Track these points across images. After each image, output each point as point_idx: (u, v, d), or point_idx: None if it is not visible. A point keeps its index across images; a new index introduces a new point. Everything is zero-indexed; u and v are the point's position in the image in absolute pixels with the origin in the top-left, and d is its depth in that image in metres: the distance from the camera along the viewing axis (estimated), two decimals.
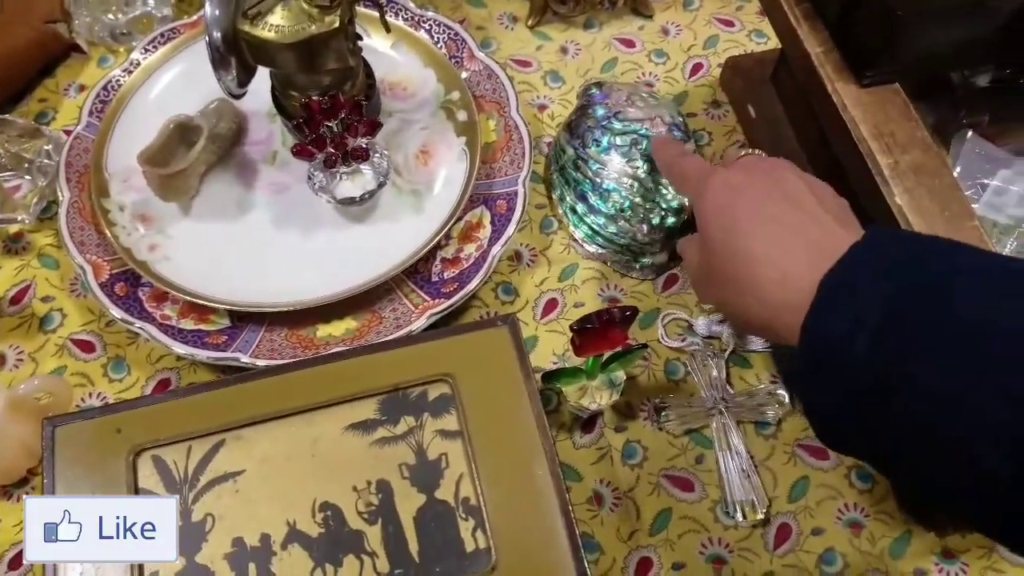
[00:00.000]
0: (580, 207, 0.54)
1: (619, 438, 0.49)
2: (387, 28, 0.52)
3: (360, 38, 0.51)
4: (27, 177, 0.55)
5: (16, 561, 0.44)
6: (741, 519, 0.46)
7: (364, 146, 0.51)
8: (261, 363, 0.47)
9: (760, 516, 0.46)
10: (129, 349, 0.51)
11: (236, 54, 0.48)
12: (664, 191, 0.52)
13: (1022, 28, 0.45)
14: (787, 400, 0.49)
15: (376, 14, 0.53)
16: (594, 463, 0.48)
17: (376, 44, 0.58)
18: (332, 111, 0.48)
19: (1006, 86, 0.52)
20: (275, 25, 0.47)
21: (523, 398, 0.40)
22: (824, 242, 0.34)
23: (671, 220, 0.53)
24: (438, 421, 0.40)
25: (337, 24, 0.47)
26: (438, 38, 0.60)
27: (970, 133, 0.50)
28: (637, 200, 0.52)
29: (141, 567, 0.36)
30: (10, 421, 0.44)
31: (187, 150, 0.52)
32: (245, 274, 0.51)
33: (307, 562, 0.37)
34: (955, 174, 0.48)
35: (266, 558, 0.37)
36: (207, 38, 0.47)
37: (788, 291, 0.34)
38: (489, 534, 0.37)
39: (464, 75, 0.59)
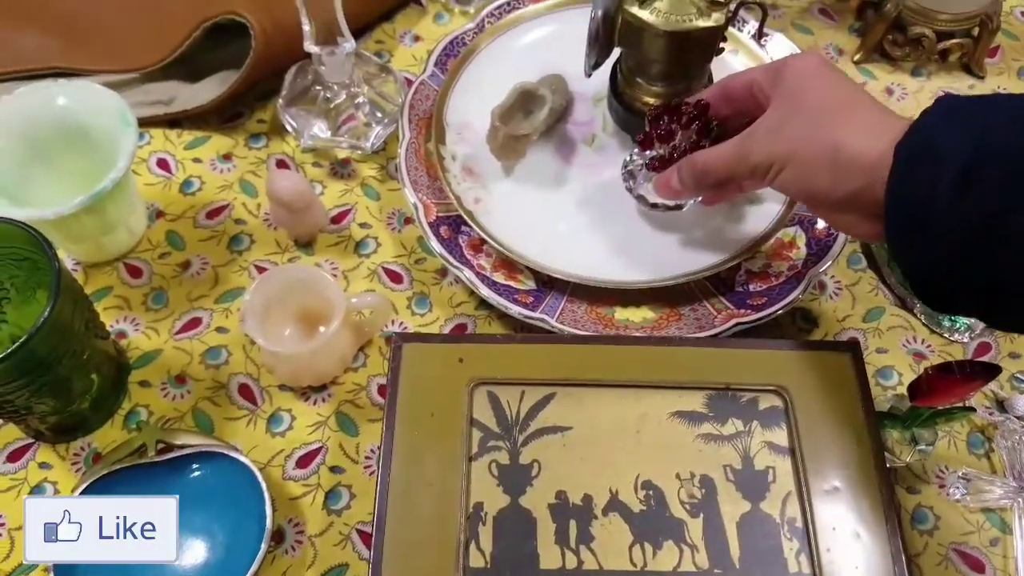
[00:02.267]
0: None
1: (911, 500, 0.46)
2: (760, 36, 0.52)
3: (725, 40, 0.51)
4: (367, 110, 0.59)
5: (305, 460, 0.47)
6: None
7: None
8: (567, 329, 0.48)
9: None
10: (433, 288, 0.53)
11: (608, 33, 0.50)
12: None
13: None
14: None
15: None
16: None
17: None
18: (689, 120, 0.48)
19: None
20: (661, 11, 0.47)
21: (862, 431, 0.39)
22: (890, 119, 0.36)
23: None
24: (768, 432, 0.40)
25: (721, 23, 0.47)
26: (774, 54, 0.60)
27: None
28: None
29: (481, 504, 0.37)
30: (341, 330, 0.47)
31: (524, 116, 0.54)
32: (553, 243, 0.52)
33: (627, 535, 0.37)
34: None
35: (587, 518, 0.37)
36: (593, 11, 0.48)
37: (882, 139, 0.34)
38: (816, 562, 0.36)
39: None
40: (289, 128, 0.58)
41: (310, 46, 0.53)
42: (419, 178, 0.54)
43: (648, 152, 0.49)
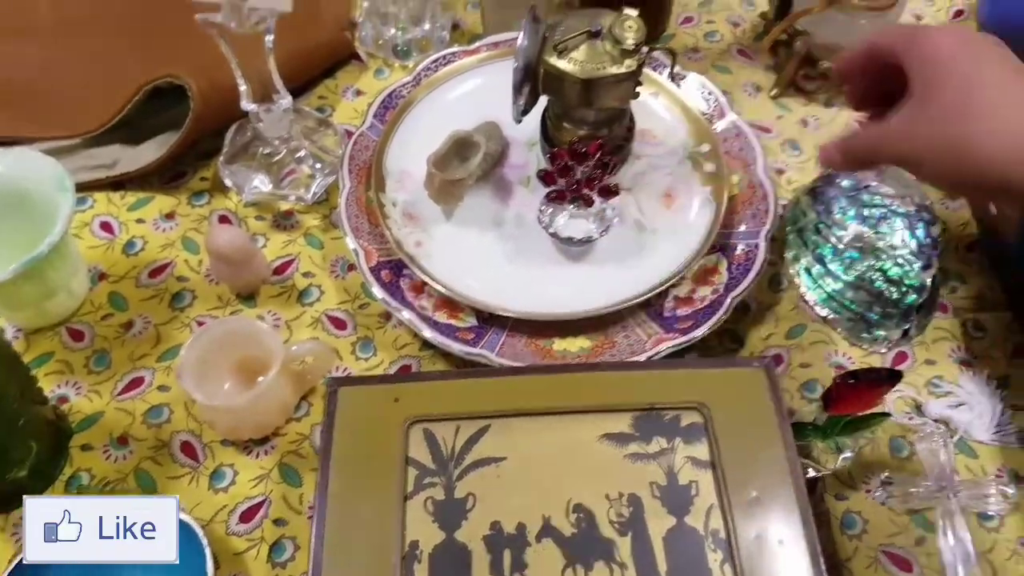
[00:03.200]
0: (816, 269, 0.55)
1: (839, 506, 0.49)
2: (673, 78, 0.55)
3: (640, 84, 0.55)
4: (309, 163, 0.61)
5: (248, 514, 0.48)
6: None
7: (593, 196, 0.53)
8: (506, 363, 0.50)
9: None
10: (378, 332, 0.55)
11: (531, 82, 0.53)
12: (909, 269, 0.53)
13: None
14: (1014, 496, 0.48)
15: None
16: None
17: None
18: (582, 156, 0.51)
19: None
20: (577, 60, 0.51)
21: (777, 442, 0.41)
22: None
23: (911, 298, 0.53)
24: (690, 448, 0.42)
25: (634, 68, 0.51)
26: (695, 94, 0.63)
27: None
28: (877, 274, 0.53)
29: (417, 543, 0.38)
30: (280, 379, 0.48)
31: (460, 162, 0.57)
32: (493, 281, 0.54)
33: (559, 559, 0.39)
34: None
35: (521, 547, 0.39)
36: (515, 63, 0.51)
37: (999, 155, 0.34)
38: (738, 570, 0.38)
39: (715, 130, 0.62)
40: (229, 184, 0.60)
41: (247, 104, 0.56)
42: (360, 225, 0.57)
43: (551, 187, 0.52)
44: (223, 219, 0.60)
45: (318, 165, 0.61)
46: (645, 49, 0.52)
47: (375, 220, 0.56)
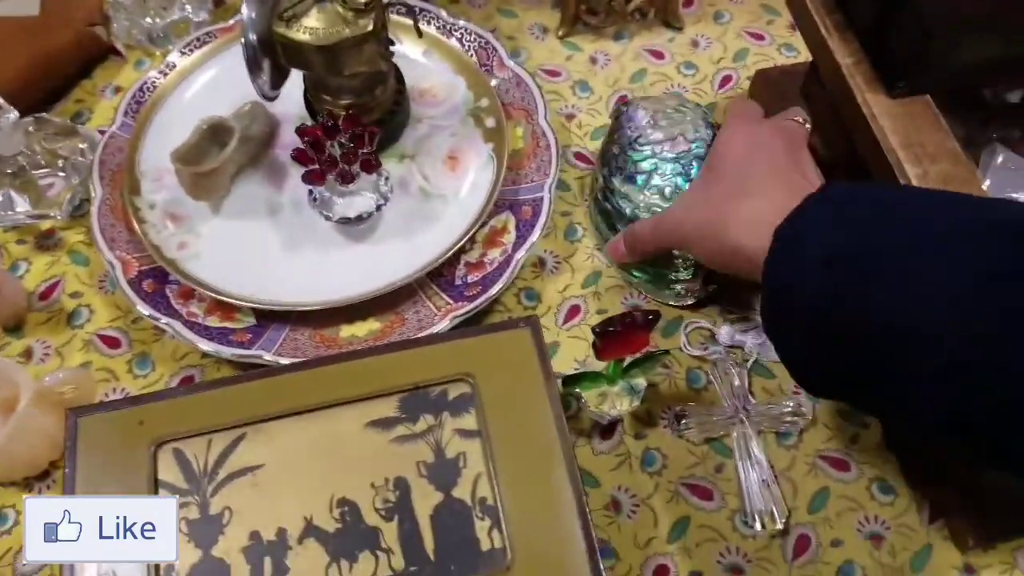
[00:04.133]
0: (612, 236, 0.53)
1: (638, 445, 0.49)
2: (419, 34, 0.53)
3: (392, 43, 0.52)
4: (61, 175, 0.56)
5: None
6: (760, 529, 0.45)
7: (352, 172, 0.50)
8: (285, 361, 0.47)
9: (779, 526, 0.45)
10: (155, 346, 0.52)
11: (271, 56, 0.49)
12: None
13: None
14: (808, 411, 0.49)
15: (409, 21, 0.54)
16: (613, 469, 0.48)
17: (408, 51, 0.59)
18: (333, 131, 0.48)
19: None
20: (310, 27, 0.47)
21: (543, 400, 0.40)
22: (783, 202, 0.37)
23: None
24: (457, 420, 0.40)
25: (371, 28, 0.48)
26: (469, 46, 0.61)
27: (1000, 147, 0.49)
28: None
29: (158, 565, 0.36)
30: (35, 413, 0.45)
31: (220, 151, 0.53)
32: (271, 274, 0.51)
33: (322, 557, 0.37)
34: (984, 187, 0.47)
35: (282, 552, 0.37)
36: (243, 39, 0.48)
37: (761, 236, 0.37)
38: (505, 534, 0.37)
39: (494, 83, 0.59)
40: None
41: None
42: (117, 235, 0.53)
43: (309, 167, 0.49)
44: None
45: (73, 177, 0.56)
46: (385, 4, 0.49)
47: (132, 227, 0.52)
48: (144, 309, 0.49)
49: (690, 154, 0.50)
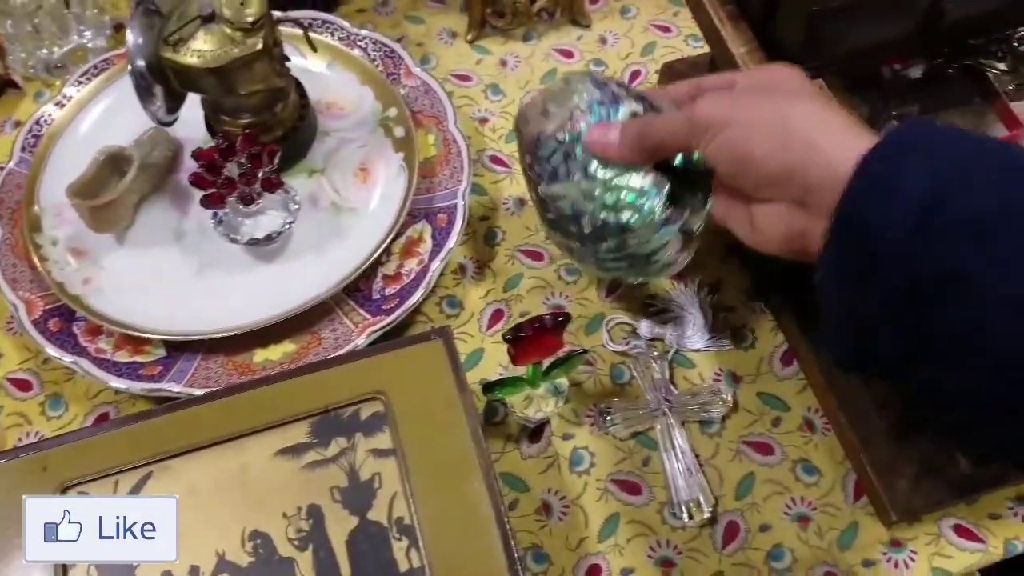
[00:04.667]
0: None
1: (566, 446, 0.48)
2: (312, 47, 0.52)
3: (287, 59, 0.51)
4: None
5: None
6: (688, 520, 0.45)
7: (253, 193, 0.49)
8: (197, 392, 0.46)
9: (707, 515, 0.45)
10: (67, 386, 0.50)
11: (162, 82, 0.48)
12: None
13: (939, 20, 0.45)
14: (729, 398, 0.49)
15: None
16: (542, 473, 0.48)
17: (310, 64, 0.58)
18: (229, 151, 0.47)
19: (935, 77, 0.53)
20: (198, 50, 0.46)
21: (458, 412, 0.40)
22: (855, 128, 0.32)
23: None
24: (371, 440, 0.40)
25: (260, 46, 0.47)
26: (374, 56, 0.60)
27: (895, 123, 0.50)
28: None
29: None
30: None
31: (119, 180, 0.52)
32: (181, 302, 0.50)
33: None
34: None
35: None
36: (130, 67, 0.46)
37: (835, 136, 0.32)
38: (423, 553, 0.37)
39: (402, 91, 0.59)
40: None
41: None
42: (19, 275, 0.51)
43: (207, 190, 0.48)
44: None
45: None
46: (276, 20, 0.48)
47: (35, 265, 0.51)
48: (52, 350, 0.48)
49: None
